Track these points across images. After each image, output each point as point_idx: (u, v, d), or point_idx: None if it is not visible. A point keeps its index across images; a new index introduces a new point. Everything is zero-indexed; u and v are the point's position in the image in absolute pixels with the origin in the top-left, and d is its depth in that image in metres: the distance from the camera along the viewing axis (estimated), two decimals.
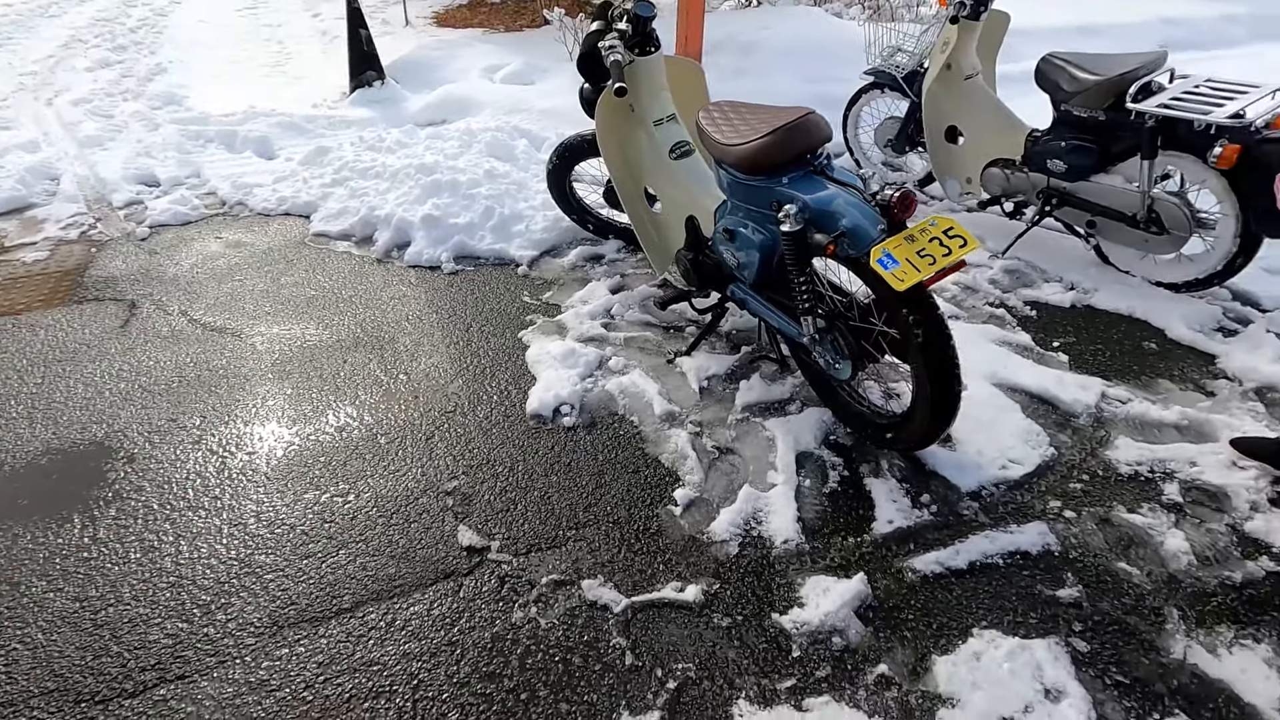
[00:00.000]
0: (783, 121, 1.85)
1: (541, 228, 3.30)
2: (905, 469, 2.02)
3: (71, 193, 3.82)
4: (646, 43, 2.38)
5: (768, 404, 2.27)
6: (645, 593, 1.67)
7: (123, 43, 7.03)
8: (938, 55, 3.21)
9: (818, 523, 1.86)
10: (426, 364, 2.50)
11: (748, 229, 2.06)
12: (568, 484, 1.99)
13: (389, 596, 1.67)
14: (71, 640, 1.57)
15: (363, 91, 5.11)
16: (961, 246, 1.59)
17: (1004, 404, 2.25)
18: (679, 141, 2.48)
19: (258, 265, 3.15)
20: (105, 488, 1.98)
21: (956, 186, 3.42)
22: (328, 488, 1.97)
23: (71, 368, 2.48)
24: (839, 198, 1.73)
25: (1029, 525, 1.83)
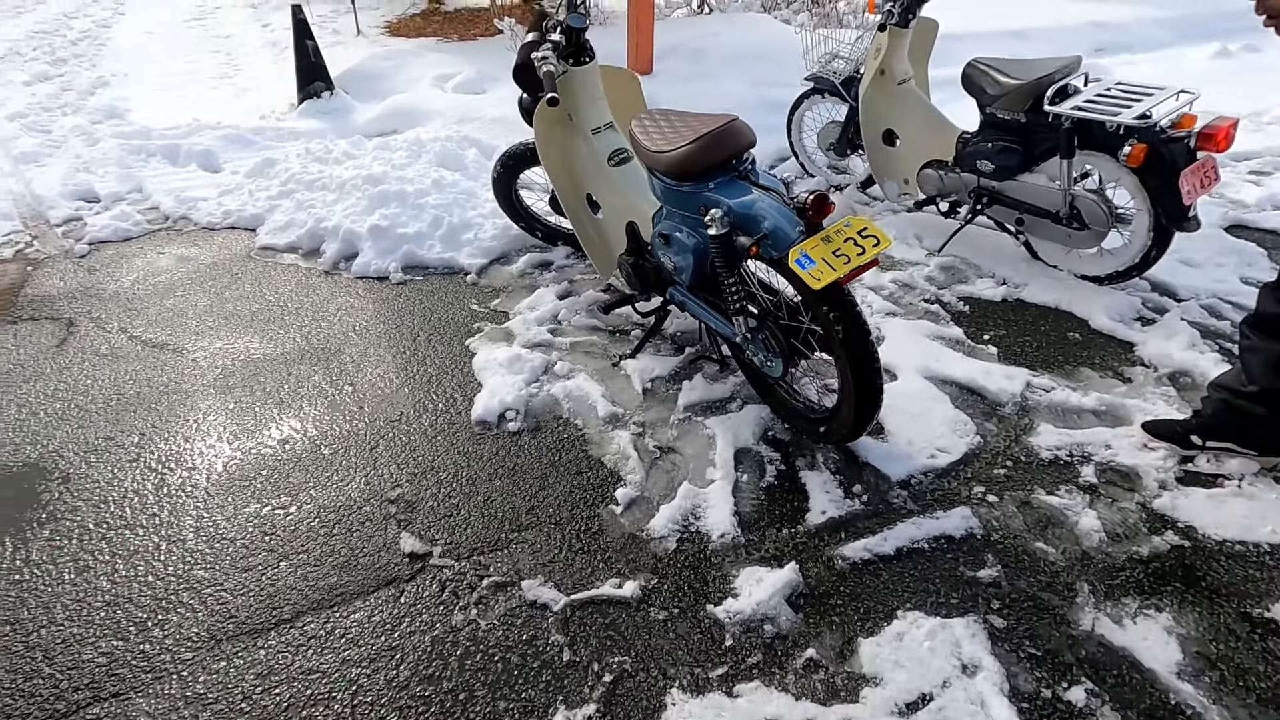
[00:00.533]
0: (708, 128, 1.91)
1: (491, 236, 3.32)
2: (839, 461, 2.09)
3: (6, 210, 3.74)
4: (581, 53, 2.42)
5: (709, 403, 2.33)
6: (584, 590, 1.71)
7: (63, 55, 6.87)
8: (871, 61, 3.32)
9: (754, 516, 1.92)
10: (373, 374, 2.51)
11: (682, 233, 2.12)
12: (511, 488, 2.02)
13: (329, 606, 1.68)
14: (1, 663, 1.55)
15: (311, 103, 5.07)
16: (874, 245, 1.67)
17: (935, 396, 2.34)
18: (617, 149, 2.53)
19: (202, 280, 3.12)
20: (39, 509, 1.95)
21: (895, 188, 3.54)
22: (269, 500, 1.97)
23: (4, 389, 2.43)
24: (761, 201, 1.80)
25: (954, 510, 1.91)
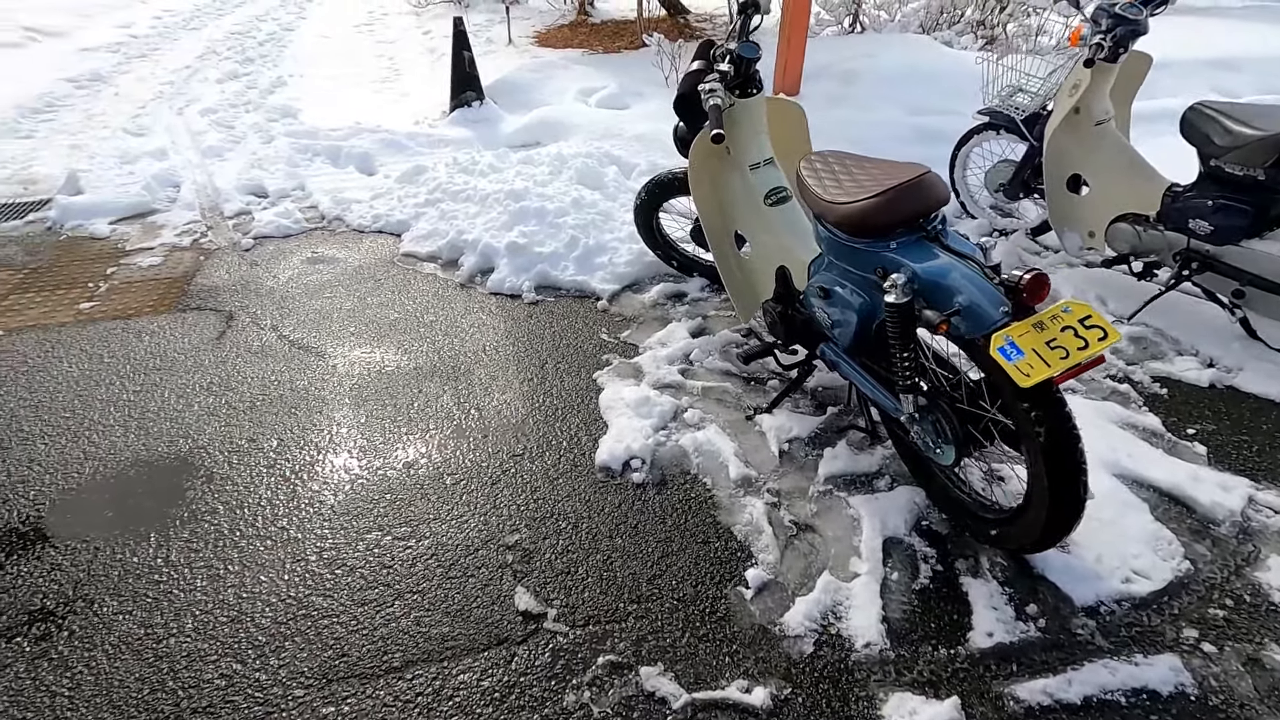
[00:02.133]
0: (895, 181, 1.69)
1: (625, 261, 3.23)
2: (1009, 569, 1.80)
3: (190, 200, 4.05)
4: (748, 84, 2.26)
5: (853, 476, 2.09)
6: (708, 689, 1.53)
7: (251, 55, 7.51)
8: (1065, 98, 2.95)
9: (905, 626, 1.67)
10: (499, 400, 2.46)
11: (845, 290, 1.90)
12: (633, 549, 1.88)
13: (439, 659, 1.60)
14: (133, 670, 1.58)
15: (462, 111, 5.23)
16: (1101, 339, 1.39)
17: (1128, 500, 1.99)
18: (776, 187, 2.34)
19: (347, 283, 3.22)
20: (183, 506, 2.01)
21: (1077, 240, 3.13)
22: (390, 529, 1.94)
23: (168, 377, 2.57)
24: (955, 270, 1.56)
25: (1158, 657, 1.58)
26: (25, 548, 1.89)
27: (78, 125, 5.30)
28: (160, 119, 5.42)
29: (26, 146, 4.87)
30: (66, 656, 1.61)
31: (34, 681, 1.56)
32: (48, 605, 1.73)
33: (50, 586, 1.78)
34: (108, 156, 4.61)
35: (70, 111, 5.63)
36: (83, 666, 1.59)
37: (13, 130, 5.14)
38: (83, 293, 3.15)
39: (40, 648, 1.63)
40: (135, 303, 3.08)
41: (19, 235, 3.67)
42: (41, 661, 1.60)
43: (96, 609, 1.72)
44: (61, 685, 1.55)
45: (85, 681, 1.56)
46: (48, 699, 1.52)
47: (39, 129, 5.22)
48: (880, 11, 7.56)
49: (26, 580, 1.79)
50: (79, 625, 1.68)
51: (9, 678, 1.57)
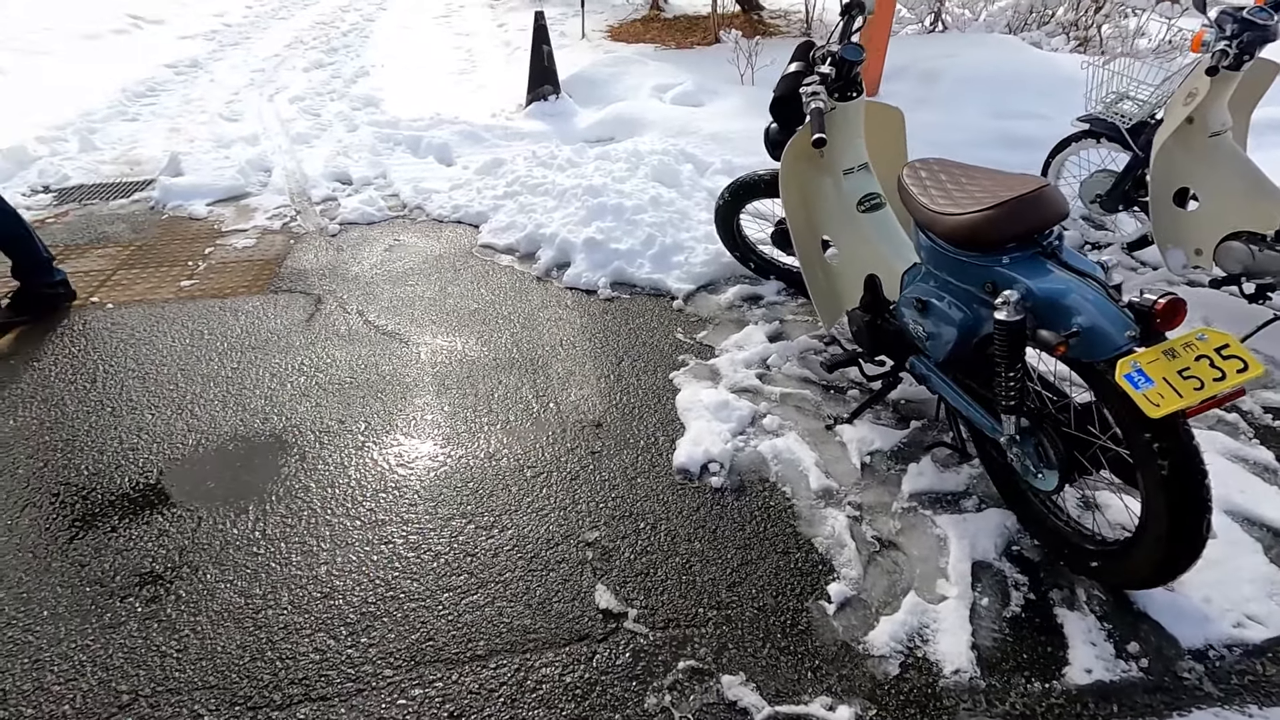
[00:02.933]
0: (1012, 193, 1.62)
1: (701, 261, 3.21)
2: (1107, 604, 1.72)
3: (280, 185, 4.21)
4: (849, 88, 2.21)
5: (939, 495, 2.03)
6: (790, 704, 1.52)
7: (335, 45, 7.76)
8: (1178, 107, 2.78)
9: (996, 655, 1.61)
10: (576, 395, 2.48)
11: (944, 303, 1.84)
12: (712, 554, 1.87)
13: (522, 650, 1.63)
14: (234, 637, 1.66)
15: (538, 104, 5.28)
16: (1241, 371, 1.30)
17: (1239, 540, 1.88)
18: (870, 193, 2.29)
19: (428, 271, 3.30)
20: (278, 483, 2.10)
21: (1181, 257, 2.96)
22: (473, 517, 1.98)
23: (262, 356, 2.68)
24: (1075, 290, 1.48)
25: (1273, 710, 1.49)
26: (136, 512, 2.00)
27: (176, 109, 5.58)
28: (251, 105, 5.65)
29: (132, 129, 5.15)
30: (174, 619, 1.70)
31: (145, 641, 1.65)
32: (156, 569, 1.83)
33: (159, 551, 1.88)
34: (204, 140, 4.84)
35: (170, 96, 5.93)
36: (189, 630, 1.67)
37: (120, 113, 5.44)
38: (183, 271, 3.31)
39: (150, 609, 1.72)
40: (231, 282, 3.22)
41: (126, 214, 3.88)
42: (151, 622, 1.69)
43: (201, 575, 1.81)
44: (170, 646, 1.64)
45: (192, 645, 1.64)
46: (158, 658, 1.61)
47: (142, 112, 5.52)
48: (964, 10, 7.31)
49: (137, 544, 1.90)
50: (185, 590, 1.77)
51: (123, 634, 1.66)
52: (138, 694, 1.54)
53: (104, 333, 2.82)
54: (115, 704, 1.52)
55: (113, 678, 1.57)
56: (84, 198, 4.06)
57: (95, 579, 1.80)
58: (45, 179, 4.23)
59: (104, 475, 2.13)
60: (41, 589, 1.77)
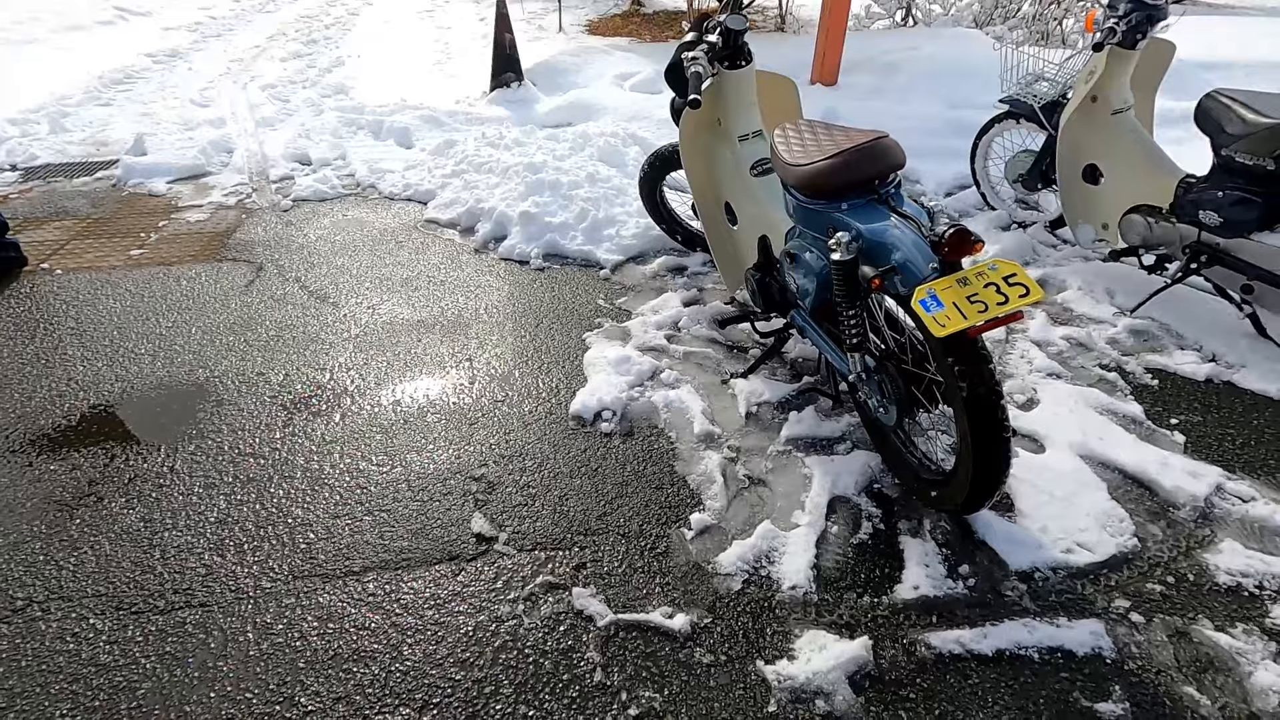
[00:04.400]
0: (852, 144, 1.74)
1: (632, 234, 3.33)
2: (950, 533, 1.83)
3: (240, 165, 4.34)
4: (738, 56, 2.33)
5: (814, 440, 2.15)
6: (633, 612, 1.63)
7: (315, 37, 7.90)
8: (1081, 85, 2.90)
9: (834, 574, 1.73)
10: (491, 354, 2.60)
11: (810, 255, 1.96)
12: (589, 489, 1.99)
13: (395, 567, 1.75)
14: (129, 555, 1.78)
15: (501, 91, 5.41)
16: (1022, 296, 1.42)
17: (1088, 480, 1.99)
18: (762, 158, 2.41)
19: (370, 244, 3.42)
20: (191, 425, 2.22)
21: (1090, 232, 3.07)
22: (371, 457, 2.10)
23: (196, 317, 2.81)
24: (895, 229, 1.60)
25: (1081, 622, 1.60)
26: (53, 450, 2.12)
27: (151, 96, 5.72)
28: (224, 92, 5.78)
29: (104, 113, 5.29)
30: (75, 539, 1.82)
31: (46, 557, 1.77)
32: (65, 498, 1.95)
33: (70, 482, 2.00)
34: (172, 123, 4.98)
35: (146, 83, 6.07)
36: (88, 548, 1.80)
37: (94, 98, 5.58)
38: (134, 241, 3.44)
39: (54, 530, 1.84)
40: (179, 252, 3.35)
41: (87, 190, 4.02)
42: (54, 541, 1.81)
43: (106, 504, 1.93)
44: (68, 562, 1.76)
45: (88, 561, 1.76)
46: (55, 571, 1.73)
47: (116, 98, 5.66)
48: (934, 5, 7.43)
49: (49, 476, 2.02)
50: (89, 515, 1.89)
51: (27, 553, 1.78)
52: (31, 600, 1.66)
53: (49, 295, 2.95)
54: (9, 608, 1.64)
55: (9, 586, 1.69)
56: (49, 175, 4.20)
57: (6, 504, 1.92)
58: (13, 158, 4.37)
59: (28, 418, 2.25)
60: None
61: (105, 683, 1.48)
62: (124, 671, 1.51)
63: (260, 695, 1.47)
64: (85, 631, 1.59)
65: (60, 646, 1.56)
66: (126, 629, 1.59)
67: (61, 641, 1.57)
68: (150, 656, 1.54)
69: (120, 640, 1.57)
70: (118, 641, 1.57)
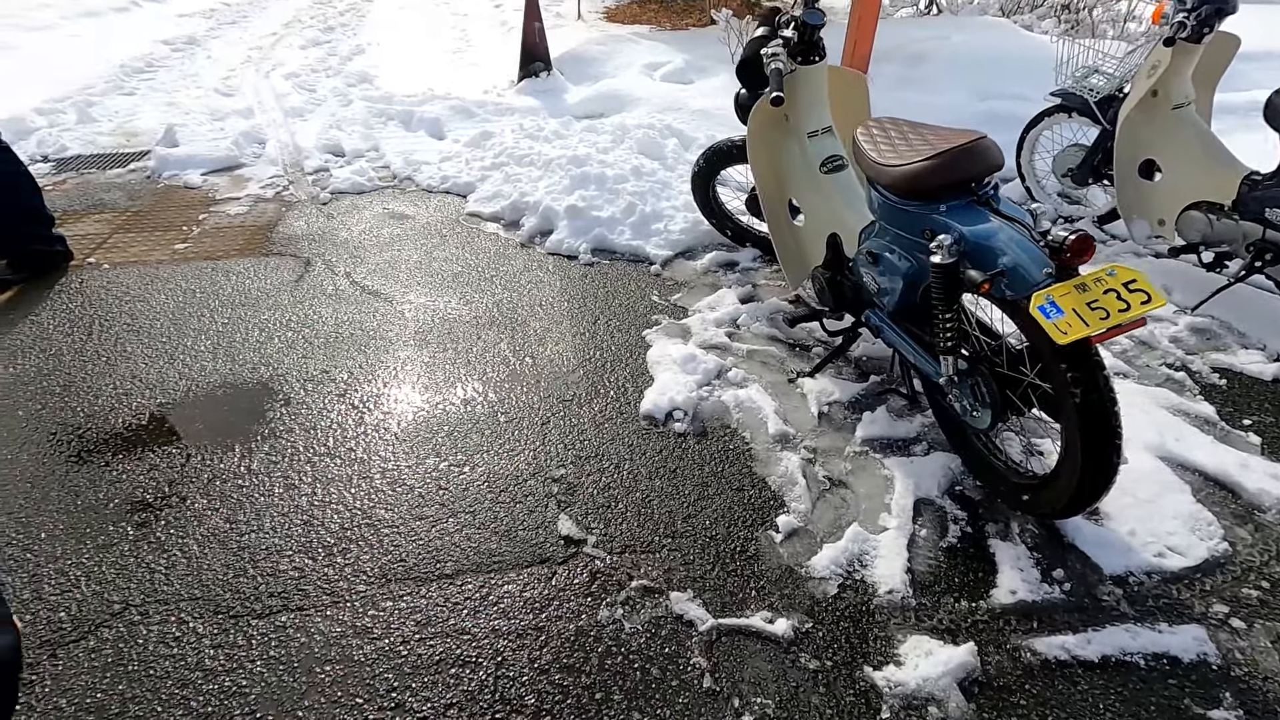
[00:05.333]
0: (950, 145, 1.71)
1: (680, 229, 3.30)
2: (1039, 537, 1.83)
3: (273, 156, 4.30)
4: (811, 51, 2.29)
5: (890, 440, 2.14)
6: (733, 616, 1.63)
7: (332, 24, 7.81)
8: (1142, 80, 2.87)
9: (929, 578, 1.73)
10: (552, 350, 2.58)
11: (894, 255, 1.94)
12: (670, 490, 1.98)
13: (487, 570, 1.74)
14: (219, 557, 1.77)
15: (529, 81, 5.35)
16: (1144, 303, 1.40)
17: (1170, 482, 1.98)
18: (832, 155, 2.38)
19: (415, 238, 3.40)
20: (263, 424, 2.21)
21: (1145, 228, 3.05)
22: (447, 456, 2.09)
23: (251, 313, 2.79)
24: (1002, 232, 1.58)
25: (1183, 627, 1.60)
26: (128, 450, 2.11)
27: (174, 85, 5.66)
28: (247, 81, 5.72)
29: (130, 103, 5.24)
30: (163, 541, 1.81)
31: (136, 559, 1.77)
32: (147, 498, 1.94)
33: (149, 483, 1.99)
34: (200, 114, 4.93)
35: (168, 72, 6.00)
36: (177, 550, 1.79)
37: (118, 87, 5.52)
38: (178, 235, 3.41)
39: (141, 532, 1.84)
40: (223, 246, 3.32)
41: (122, 182, 3.98)
42: (142, 543, 1.81)
43: (189, 504, 1.92)
44: (159, 564, 1.75)
45: (179, 563, 1.76)
46: (146, 574, 1.73)
47: (140, 87, 5.60)
48: None
49: (129, 476, 2.01)
50: (173, 517, 1.89)
51: (115, 554, 1.78)
52: (129, 603, 1.65)
53: (100, 291, 2.93)
54: (108, 611, 1.64)
55: (105, 589, 1.69)
56: (81, 167, 4.16)
57: (89, 506, 1.91)
58: (44, 149, 4.33)
59: (99, 417, 2.24)
60: (40, 515, 1.89)
61: (215, 687, 1.48)
62: (232, 675, 1.50)
63: (371, 701, 1.47)
64: (187, 635, 1.59)
65: (164, 651, 1.55)
66: (228, 633, 1.59)
67: (165, 646, 1.56)
68: (255, 661, 1.53)
69: (224, 644, 1.56)
70: (221, 645, 1.56)
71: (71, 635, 1.59)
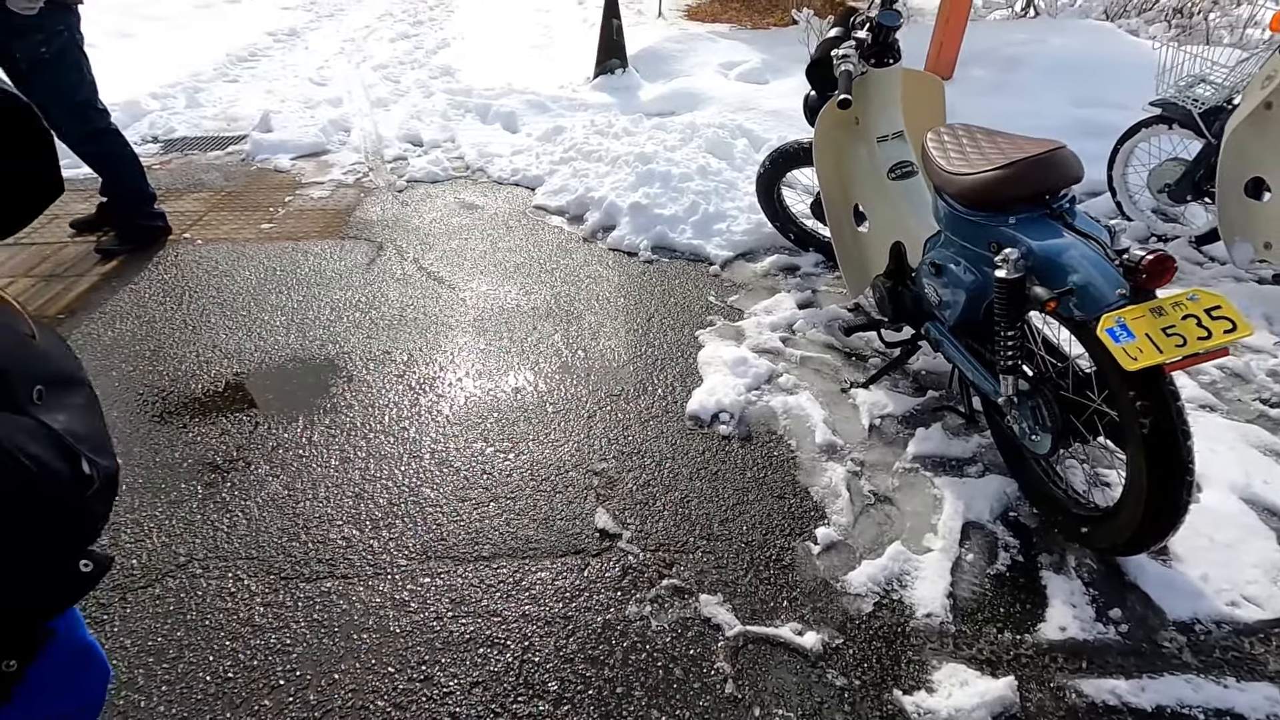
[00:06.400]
0: (1024, 154, 1.63)
1: (742, 230, 3.27)
2: (1097, 573, 1.73)
3: (357, 144, 4.50)
4: (885, 53, 2.23)
5: (943, 459, 2.06)
6: (762, 625, 1.61)
7: (421, 19, 8.09)
8: (1256, 90, 2.65)
9: (972, 605, 1.66)
10: (604, 345, 2.61)
11: (959, 267, 1.86)
12: (709, 492, 1.97)
13: (523, 555, 1.78)
14: (276, 522, 1.88)
15: (605, 78, 5.40)
16: (1228, 331, 1.30)
17: (1253, 526, 1.83)
18: (901, 161, 2.30)
19: (482, 228, 3.49)
20: (326, 399, 2.32)
21: (1249, 250, 2.83)
22: (494, 442, 2.14)
23: (324, 292, 2.93)
24: (1074, 249, 1.50)
25: (1253, 685, 1.48)
26: (204, 414, 2.26)
27: (274, 73, 5.99)
28: (340, 72, 6.00)
29: (232, 90, 5.58)
30: (228, 501, 1.93)
31: (202, 516, 1.89)
32: (217, 460, 2.08)
33: (220, 446, 2.13)
34: (294, 101, 5.20)
35: (269, 61, 6.36)
36: (239, 512, 1.91)
37: (223, 75, 5.89)
38: (264, 216, 3.62)
39: (209, 491, 1.97)
40: (305, 228, 3.50)
41: (220, 164, 4.25)
42: (209, 502, 1.93)
43: (253, 469, 2.04)
44: (222, 523, 1.87)
45: (240, 524, 1.87)
46: (210, 532, 1.85)
47: (243, 75, 5.95)
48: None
49: (203, 439, 2.16)
50: (238, 480, 2.01)
51: (185, 510, 1.91)
52: (192, 557, 1.77)
53: (192, 264, 3.14)
54: (174, 563, 1.76)
55: (173, 542, 1.81)
56: (186, 148, 4.46)
57: (166, 464, 2.06)
58: (155, 130, 4.67)
59: (181, 381, 2.41)
60: (124, 469, 2.04)
61: (262, 644, 1.57)
62: (278, 634, 1.59)
63: (402, 671, 1.52)
64: (241, 592, 1.69)
65: (220, 604, 1.66)
66: (278, 593, 1.68)
67: (220, 600, 1.67)
68: (300, 622, 1.62)
69: (273, 604, 1.66)
70: (271, 604, 1.66)
71: (140, 582, 1.71)
